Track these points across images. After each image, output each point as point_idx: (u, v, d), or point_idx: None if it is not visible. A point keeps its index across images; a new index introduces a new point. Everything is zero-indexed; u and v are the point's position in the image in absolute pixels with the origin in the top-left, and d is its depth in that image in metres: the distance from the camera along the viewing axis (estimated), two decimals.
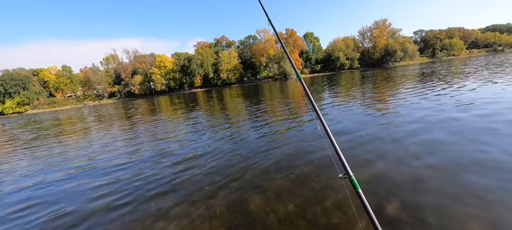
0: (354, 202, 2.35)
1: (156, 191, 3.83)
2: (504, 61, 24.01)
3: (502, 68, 16.09)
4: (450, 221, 2.32)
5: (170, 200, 3.48)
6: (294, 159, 4.39)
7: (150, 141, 7.51)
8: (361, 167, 3.70)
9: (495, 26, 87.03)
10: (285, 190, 3.32)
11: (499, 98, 7.02)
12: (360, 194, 1.26)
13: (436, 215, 2.42)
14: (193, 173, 4.35)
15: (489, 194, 2.66)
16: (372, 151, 4.27)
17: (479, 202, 2.54)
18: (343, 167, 1.30)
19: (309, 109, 9.58)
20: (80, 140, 9.30)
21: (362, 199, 1.25)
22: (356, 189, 1.28)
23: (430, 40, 78.63)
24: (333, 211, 2.67)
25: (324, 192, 3.12)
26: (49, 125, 17.30)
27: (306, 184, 3.39)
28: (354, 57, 68.36)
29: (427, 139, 4.55)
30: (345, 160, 1.30)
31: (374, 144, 4.63)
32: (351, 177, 1.29)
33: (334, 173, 3.55)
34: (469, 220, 2.30)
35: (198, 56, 61.71)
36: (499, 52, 65.38)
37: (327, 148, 4.65)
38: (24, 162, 6.81)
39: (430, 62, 50.08)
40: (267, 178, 3.77)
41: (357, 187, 1.27)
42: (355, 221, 2.42)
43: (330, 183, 3.31)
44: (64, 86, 64.47)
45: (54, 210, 3.61)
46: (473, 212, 2.41)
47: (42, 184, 4.75)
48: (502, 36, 78.56)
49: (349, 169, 1.30)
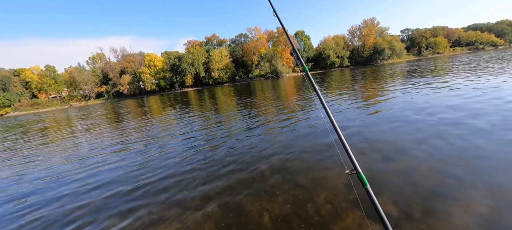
0: (362, 199, 2.29)
1: (148, 192, 3.66)
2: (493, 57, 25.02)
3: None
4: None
5: (161, 201, 3.34)
6: (294, 157, 4.33)
7: (141, 141, 7.25)
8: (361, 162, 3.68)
9: (476, 25, 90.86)
10: (286, 189, 3.24)
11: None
12: (369, 191, 1.19)
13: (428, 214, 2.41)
14: (186, 173, 4.21)
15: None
16: (368, 147, 4.27)
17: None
18: (351, 163, 1.23)
19: (304, 106, 9.57)
20: (67, 142, 8.87)
21: (371, 196, 1.18)
22: (364, 186, 1.21)
23: (416, 39, 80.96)
24: (339, 208, 2.62)
25: (330, 189, 3.06)
26: (29, 128, 16.48)
27: (308, 183, 3.32)
28: (344, 55, 69.41)
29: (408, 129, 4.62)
30: (353, 155, 1.23)
31: (367, 139, 4.65)
32: (360, 173, 1.22)
33: (338, 169, 3.51)
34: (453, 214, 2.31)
35: (188, 55, 60.68)
36: (480, 50, 68.21)
37: (328, 144, 4.63)
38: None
39: (416, 60, 51.55)
40: (264, 177, 3.68)
41: (366, 183, 1.20)
42: (360, 217, 2.37)
43: (335, 180, 3.26)
44: (48, 86, 61.64)
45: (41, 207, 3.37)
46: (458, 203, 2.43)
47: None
48: (483, 35, 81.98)
49: (357, 164, 1.22)
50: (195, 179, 3.91)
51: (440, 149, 3.80)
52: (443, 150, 3.73)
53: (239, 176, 3.80)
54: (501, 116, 4.95)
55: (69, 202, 3.71)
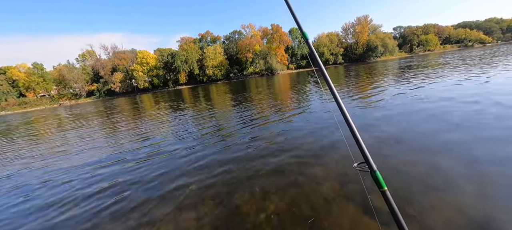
0: (373, 200, 2.13)
1: (140, 193, 3.43)
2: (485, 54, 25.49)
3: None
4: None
5: (155, 201, 3.15)
6: (294, 156, 4.16)
7: (133, 139, 6.95)
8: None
9: (466, 22, 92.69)
10: (285, 188, 3.07)
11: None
12: (386, 194, 1.00)
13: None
14: (181, 172, 3.99)
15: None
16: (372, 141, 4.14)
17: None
18: (365, 160, 1.04)
19: (301, 102, 9.42)
20: (55, 138, 8.46)
21: (389, 201, 0.99)
22: (381, 188, 1.02)
23: (408, 36, 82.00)
24: (343, 206, 2.46)
25: (334, 186, 2.90)
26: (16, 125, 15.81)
27: (307, 181, 3.16)
28: (338, 52, 69.73)
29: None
30: (367, 152, 1.03)
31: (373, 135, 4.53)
32: (375, 172, 1.02)
33: (339, 166, 3.36)
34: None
35: (182, 52, 59.64)
36: (469, 48, 69.59)
37: (331, 140, 4.48)
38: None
39: (408, 57, 52.22)
40: (261, 176, 3.50)
41: (383, 185, 1.01)
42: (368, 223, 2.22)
43: (343, 178, 3.11)
44: (36, 85, 59.50)
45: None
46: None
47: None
48: (472, 32, 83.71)
49: (372, 162, 1.03)
50: (191, 178, 3.70)
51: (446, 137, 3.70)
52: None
53: (234, 174, 3.62)
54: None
55: (56, 206, 3.43)
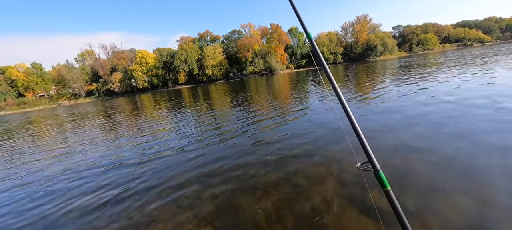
0: (376, 200, 2.12)
1: (140, 193, 3.41)
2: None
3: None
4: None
5: (155, 200, 3.15)
6: (294, 154, 4.14)
7: (134, 139, 6.93)
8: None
9: (465, 22, 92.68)
10: (285, 187, 3.05)
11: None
12: (389, 194, 0.99)
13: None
14: (181, 171, 3.97)
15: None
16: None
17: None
18: (369, 160, 1.02)
19: (301, 102, 9.41)
20: (57, 137, 8.43)
21: (393, 201, 0.98)
22: (384, 188, 1.01)
23: (408, 35, 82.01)
24: (344, 206, 2.45)
25: (335, 186, 2.89)
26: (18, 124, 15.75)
27: (307, 181, 3.14)
28: (338, 52, 69.70)
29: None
30: (371, 151, 1.02)
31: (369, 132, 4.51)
32: (379, 171, 1.01)
33: (340, 165, 3.34)
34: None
35: (181, 52, 59.54)
36: (469, 47, 69.67)
37: (332, 140, 4.47)
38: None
39: (408, 57, 52.21)
40: (261, 175, 3.48)
41: (387, 185, 1.00)
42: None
43: (341, 175, 3.09)
44: (35, 85, 59.32)
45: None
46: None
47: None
48: (471, 31, 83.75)
49: (375, 161, 1.02)
50: (191, 178, 3.68)
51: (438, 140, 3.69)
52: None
53: (235, 174, 3.59)
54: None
55: (54, 205, 3.41)
